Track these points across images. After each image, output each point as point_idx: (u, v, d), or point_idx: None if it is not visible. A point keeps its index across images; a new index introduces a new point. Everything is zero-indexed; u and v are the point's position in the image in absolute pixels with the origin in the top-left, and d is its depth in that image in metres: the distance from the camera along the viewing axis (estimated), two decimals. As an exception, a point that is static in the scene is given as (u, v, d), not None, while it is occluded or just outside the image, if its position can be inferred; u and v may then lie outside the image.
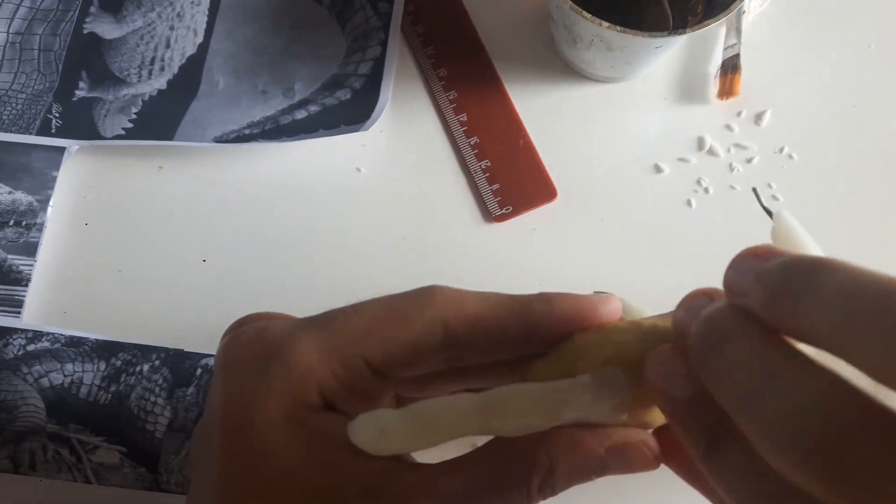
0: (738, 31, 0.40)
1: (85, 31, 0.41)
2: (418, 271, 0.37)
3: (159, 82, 0.40)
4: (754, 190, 0.27)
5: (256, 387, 0.22)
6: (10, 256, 0.37)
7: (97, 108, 0.40)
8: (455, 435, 0.22)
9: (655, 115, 0.40)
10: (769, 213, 0.23)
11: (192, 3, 0.42)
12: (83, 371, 0.35)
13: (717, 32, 0.41)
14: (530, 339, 0.23)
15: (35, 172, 0.38)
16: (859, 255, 0.38)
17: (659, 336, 0.22)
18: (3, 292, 0.36)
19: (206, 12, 0.42)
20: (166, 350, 0.36)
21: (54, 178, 0.38)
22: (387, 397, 0.26)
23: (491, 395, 0.22)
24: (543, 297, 0.23)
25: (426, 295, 0.23)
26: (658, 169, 0.39)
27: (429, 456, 0.24)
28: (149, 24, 0.41)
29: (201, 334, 0.36)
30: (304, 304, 0.37)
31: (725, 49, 0.40)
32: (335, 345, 0.22)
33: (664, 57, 0.40)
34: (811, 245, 0.23)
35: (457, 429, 0.22)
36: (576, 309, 0.23)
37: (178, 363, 0.35)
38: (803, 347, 0.16)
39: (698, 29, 0.34)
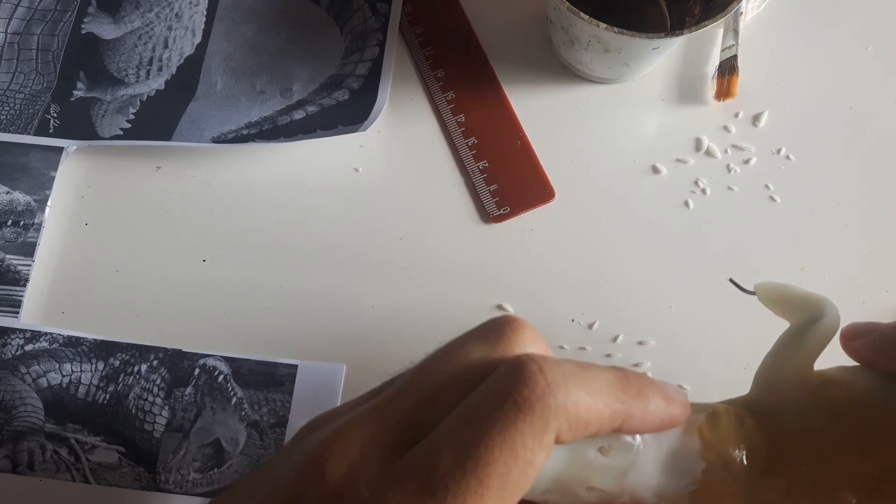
0: (736, 32, 0.40)
1: (83, 32, 0.41)
2: (416, 271, 0.37)
3: (157, 83, 0.40)
4: (731, 280, 0.29)
5: None
6: (8, 256, 0.37)
7: (95, 108, 0.40)
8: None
9: (653, 116, 0.40)
10: (751, 292, 0.27)
11: (190, 3, 0.42)
12: (81, 371, 0.35)
13: (714, 34, 0.41)
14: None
15: (33, 172, 0.38)
16: (856, 256, 0.38)
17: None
18: (1, 292, 0.36)
19: (205, 13, 0.42)
20: (164, 350, 0.36)
21: (52, 179, 0.38)
22: None
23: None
24: (643, 397, 0.23)
25: (550, 428, 0.20)
26: (655, 170, 0.39)
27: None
28: (147, 25, 0.41)
29: (199, 334, 0.36)
30: (302, 304, 0.37)
31: (723, 50, 0.40)
32: None
33: (662, 58, 0.40)
34: (797, 291, 0.27)
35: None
36: (667, 418, 0.23)
37: (176, 363, 0.35)
38: None
39: (696, 30, 0.34)
